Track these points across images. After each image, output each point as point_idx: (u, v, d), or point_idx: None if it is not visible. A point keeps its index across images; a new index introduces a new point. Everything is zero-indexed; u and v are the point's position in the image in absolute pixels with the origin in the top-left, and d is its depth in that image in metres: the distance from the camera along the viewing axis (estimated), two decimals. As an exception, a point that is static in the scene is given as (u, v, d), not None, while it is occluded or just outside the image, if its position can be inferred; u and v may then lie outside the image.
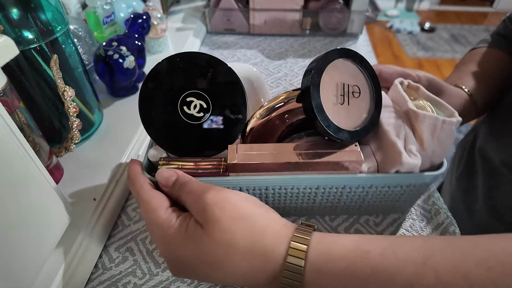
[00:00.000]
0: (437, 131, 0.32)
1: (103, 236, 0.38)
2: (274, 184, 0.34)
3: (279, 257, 0.25)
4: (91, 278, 0.35)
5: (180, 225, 0.27)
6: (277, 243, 0.26)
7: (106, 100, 0.56)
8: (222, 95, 0.33)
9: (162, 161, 0.33)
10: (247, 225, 0.26)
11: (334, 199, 0.37)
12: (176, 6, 0.92)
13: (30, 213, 0.28)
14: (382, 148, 0.34)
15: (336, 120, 0.31)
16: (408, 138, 0.33)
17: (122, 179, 0.43)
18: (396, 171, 0.33)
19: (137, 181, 0.30)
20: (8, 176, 0.26)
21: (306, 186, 0.35)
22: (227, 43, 0.80)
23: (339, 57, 0.32)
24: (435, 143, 0.33)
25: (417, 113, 0.32)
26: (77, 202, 0.38)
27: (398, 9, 3.21)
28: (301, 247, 0.25)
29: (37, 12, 0.37)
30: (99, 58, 0.52)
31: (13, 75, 0.37)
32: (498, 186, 0.49)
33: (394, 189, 0.36)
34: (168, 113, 0.33)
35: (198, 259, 0.26)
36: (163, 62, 0.32)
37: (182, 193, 0.29)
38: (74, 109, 0.39)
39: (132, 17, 0.56)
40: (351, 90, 0.33)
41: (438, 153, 0.33)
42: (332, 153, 0.32)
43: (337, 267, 0.24)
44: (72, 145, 0.41)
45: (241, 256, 0.25)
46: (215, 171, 0.33)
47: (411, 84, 0.37)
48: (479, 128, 0.58)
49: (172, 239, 0.27)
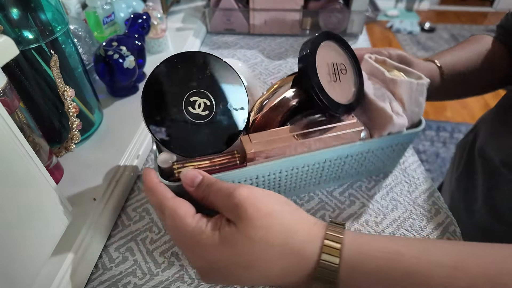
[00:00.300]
0: (414, 93, 0.38)
1: (103, 236, 0.38)
2: (287, 166, 0.36)
3: (313, 255, 0.25)
4: (91, 278, 0.35)
5: (212, 229, 0.26)
6: (310, 241, 0.26)
7: (106, 100, 0.56)
8: (222, 90, 0.34)
9: (177, 165, 0.32)
10: (279, 222, 0.26)
11: (338, 170, 0.41)
12: (176, 6, 0.92)
13: (30, 213, 0.28)
14: (371, 116, 0.38)
15: (333, 96, 0.34)
16: (392, 102, 0.37)
17: (122, 179, 0.43)
18: (388, 133, 0.38)
19: (157, 190, 0.29)
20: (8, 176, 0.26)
21: (315, 162, 0.37)
22: (227, 43, 0.80)
23: (325, 39, 0.35)
24: (413, 104, 0.38)
25: (395, 80, 0.38)
26: (77, 202, 0.38)
27: (398, 9, 3.21)
28: (335, 245, 0.25)
29: (37, 12, 0.37)
30: (99, 58, 0.52)
31: (13, 75, 0.37)
32: (498, 186, 0.49)
33: (386, 150, 0.41)
34: (175, 116, 0.33)
35: (233, 262, 0.26)
36: (161, 66, 0.32)
37: (210, 193, 0.28)
38: (74, 109, 0.39)
39: (132, 17, 0.56)
40: (339, 68, 0.36)
41: (416, 111, 0.39)
42: (334, 127, 0.35)
43: (372, 266, 0.24)
44: (72, 145, 0.41)
45: (276, 254, 0.25)
46: (232, 164, 0.34)
47: (378, 58, 0.42)
48: (479, 128, 0.58)
49: (205, 245, 0.26)
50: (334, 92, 0.34)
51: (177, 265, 0.36)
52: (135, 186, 0.45)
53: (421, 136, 1.89)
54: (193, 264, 0.27)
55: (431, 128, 1.94)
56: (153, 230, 0.40)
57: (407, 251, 0.25)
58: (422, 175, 0.46)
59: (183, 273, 0.36)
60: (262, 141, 0.33)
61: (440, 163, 1.74)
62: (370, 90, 0.38)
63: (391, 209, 0.42)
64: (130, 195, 0.44)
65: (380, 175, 0.46)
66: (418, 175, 0.46)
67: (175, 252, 0.37)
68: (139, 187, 0.45)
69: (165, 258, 0.37)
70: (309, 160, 0.36)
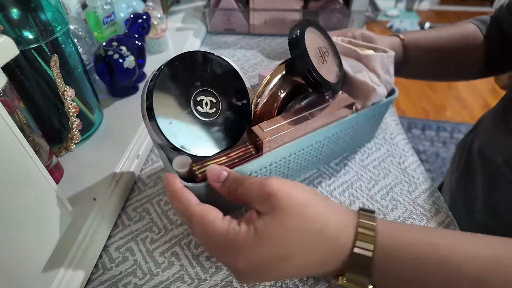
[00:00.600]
0: (385, 65, 0.43)
1: (103, 236, 0.38)
2: (295, 149, 0.38)
3: (347, 242, 0.25)
4: (91, 278, 0.35)
5: (247, 227, 0.26)
6: (344, 228, 0.26)
7: (106, 100, 0.56)
8: (225, 86, 0.35)
9: (196, 166, 0.32)
10: (313, 211, 0.26)
11: (334, 144, 0.44)
12: (176, 6, 0.92)
13: (30, 213, 0.28)
14: (354, 91, 0.42)
15: (325, 77, 0.36)
16: (370, 76, 0.42)
17: (122, 179, 0.43)
18: (372, 104, 0.42)
19: (182, 196, 0.28)
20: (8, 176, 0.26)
21: (317, 140, 0.40)
22: (227, 43, 0.80)
23: (308, 26, 0.37)
24: (386, 75, 0.43)
25: (369, 56, 0.43)
26: (77, 202, 0.38)
27: (398, 9, 3.21)
28: (368, 233, 0.25)
29: (37, 12, 0.37)
30: (99, 58, 0.52)
31: (13, 75, 0.37)
32: (498, 186, 0.49)
33: (371, 119, 0.45)
34: (187, 118, 0.33)
35: (273, 255, 0.25)
36: (164, 71, 0.31)
37: (238, 187, 0.28)
38: (74, 109, 0.39)
39: (132, 17, 0.56)
40: (323, 51, 0.39)
41: (389, 81, 0.44)
42: (328, 105, 0.38)
43: (406, 254, 0.25)
44: (72, 145, 0.41)
45: (313, 243, 0.25)
46: (248, 155, 0.35)
47: (343, 39, 0.47)
48: (479, 128, 0.58)
49: (243, 245, 0.25)
50: (325, 73, 0.37)
51: (177, 265, 0.36)
52: (135, 186, 0.45)
53: (421, 136, 1.89)
54: (231, 267, 0.27)
55: (431, 128, 1.94)
56: (153, 230, 0.40)
57: (442, 241, 0.25)
58: (422, 175, 0.46)
59: (183, 273, 0.36)
60: (272, 129, 0.35)
61: (440, 163, 1.74)
62: (349, 69, 0.43)
63: (391, 209, 0.42)
64: (130, 195, 0.44)
65: (380, 175, 0.46)
66: (418, 175, 0.46)
67: (175, 252, 0.37)
68: (139, 187, 0.45)
69: (165, 258, 0.37)
70: (313, 139, 0.39)
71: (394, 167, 0.47)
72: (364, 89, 0.41)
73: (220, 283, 0.35)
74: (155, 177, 0.46)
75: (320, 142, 0.41)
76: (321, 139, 0.41)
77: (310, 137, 0.38)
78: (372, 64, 0.43)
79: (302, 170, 0.44)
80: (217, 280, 0.35)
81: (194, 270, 0.36)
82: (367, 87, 0.41)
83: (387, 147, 0.50)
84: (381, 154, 0.49)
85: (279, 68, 0.37)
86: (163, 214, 0.41)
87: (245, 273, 0.26)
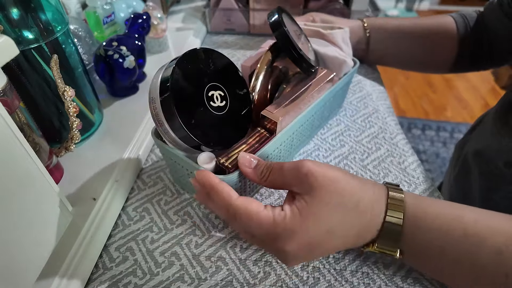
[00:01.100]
0: (345, 39, 0.50)
1: (104, 236, 0.38)
2: (298, 125, 0.42)
3: (380, 212, 0.28)
4: (91, 278, 0.35)
5: (291, 210, 0.27)
6: (376, 200, 0.28)
7: (106, 100, 0.56)
8: (227, 78, 0.37)
9: (223, 158, 0.34)
10: (348, 187, 0.28)
11: (320, 116, 0.48)
12: (176, 6, 0.92)
13: (30, 213, 0.28)
14: (328, 65, 0.48)
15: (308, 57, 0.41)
16: (337, 50, 0.48)
17: (122, 179, 0.43)
18: (344, 74, 0.48)
19: (224, 191, 0.29)
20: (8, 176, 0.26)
21: (311, 114, 0.44)
22: (227, 43, 0.80)
23: (282, 12, 0.40)
24: (347, 48, 0.50)
25: (332, 34, 0.49)
26: (77, 202, 0.38)
27: (398, 9, 3.21)
28: (399, 203, 0.28)
29: (37, 12, 0.37)
30: (99, 58, 0.52)
31: (13, 75, 0.37)
32: (497, 187, 0.49)
33: (344, 88, 0.51)
34: (203, 115, 0.33)
35: (318, 232, 0.27)
36: (175, 70, 0.32)
37: (271, 172, 0.30)
38: (74, 109, 0.39)
39: (132, 17, 0.56)
40: (298, 33, 0.43)
41: (349, 53, 0.50)
42: (316, 80, 0.43)
43: (434, 224, 0.27)
44: (72, 145, 0.41)
45: (352, 215, 0.27)
46: (264, 139, 0.38)
47: (307, 23, 0.54)
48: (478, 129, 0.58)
49: (292, 227, 0.27)
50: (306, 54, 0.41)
51: (177, 264, 0.36)
52: (135, 185, 0.45)
53: (421, 136, 1.89)
54: (281, 252, 0.28)
55: (431, 128, 1.94)
56: (153, 230, 0.40)
57: (465, 214, 0.28)
58: (422, 175, 0.46)
59: (183, 272, 0.36)
60: (279, 110, 0.38)
61: (440, 163, 1.74)
62: (318, 47, 0.48)
63: (391, 209, 0.42)
64: (130, 195, 0.44)
65: (380, 175, 0.46)
66: (418, 175, 0.46)
67: (175, 252, 0.37)
68: (139, 187, 0.45)
69: (165, 258, 0.37)
70: (309, 114, 0.43)
71: (394, 167, 0.47)
72: (336, 62, 0.47)
73: (220, 283, 0.35)
74: (155, 177, 0.46)
75: (313, 115, 0.45)
76: (313, 113, 0.44)
77: (308, 111, 0.42)
78: (335, 40, 0.49)
79: (299, 146, 0.48)
80: (217, 280, 0.35)
81: (194, 270, 0.36)
82: (338, 60, 0.46)
83: (387, 147, 0.50)
84: (381, 154, 0.49)
85: (265, 56, 0.41)
86: (163, 213, 0.41)
87: (295, 255, 0.28)
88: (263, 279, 0.35)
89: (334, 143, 0.50)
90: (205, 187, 0.30)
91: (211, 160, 0.34)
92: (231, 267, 0.36)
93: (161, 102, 0.32)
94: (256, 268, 0.36)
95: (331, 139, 0.51)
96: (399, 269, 0.35)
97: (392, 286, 0.34)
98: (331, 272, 0.35)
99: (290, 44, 0.38)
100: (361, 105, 0.57)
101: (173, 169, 0.41)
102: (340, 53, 0.48)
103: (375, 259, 0.36)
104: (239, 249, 0.37)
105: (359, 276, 0.35)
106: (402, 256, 0.29)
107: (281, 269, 0.36)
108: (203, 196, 0.31)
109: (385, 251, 0.29)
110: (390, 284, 0.34)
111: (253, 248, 0.37)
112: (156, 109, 0.33)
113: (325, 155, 0.49)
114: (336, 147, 0.50)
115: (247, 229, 0.28)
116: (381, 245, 0.29)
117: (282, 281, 0.35)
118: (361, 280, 0.34)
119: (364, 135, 0.52)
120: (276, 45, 0.42)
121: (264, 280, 0.35)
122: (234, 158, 0.35)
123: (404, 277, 0.34)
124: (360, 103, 0.58)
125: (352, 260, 0.36)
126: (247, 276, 0.35)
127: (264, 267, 0.36)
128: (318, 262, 0.36)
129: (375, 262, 0.36)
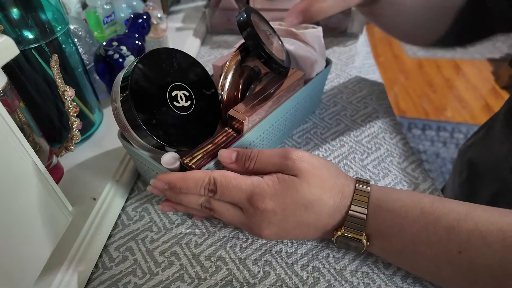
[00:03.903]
0: (317, 38, 0.49)
1: (103, 236, 0.38)
2: (267, 125, 0.42)
3: (350, 195, 0.32)
4: (91, 278, 0.35)
5: (270, 178, 0.31)
6: (347, 184, 0.33)
7: (106, 100, 0.56)
8: (193, 78, 0.36)
9: (187, 158, 0.34)
10: (328, 172, 0.33)
11: (293, 116, 0.48)
12: (176, 6, 0.92)
13: (30, 213, 0.28)
14: (301, 65, 0.47)
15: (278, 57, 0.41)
16: (309, 50, 0.48)
17: (122, 179, 0.43)
18: (316, 74, 0.48)
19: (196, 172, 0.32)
20: (8, 176, 0.26)
21: (283, 114, 0.45)
22: (227, 43, 0.80)
23: (251, 12, 0.40)
24: (321, 47, 0.49)
25: (304, 33, 0.48)
26: (77, 202, 0.38)
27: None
28: (365, 188, 0.33)
29: (37, 12, 0.37)
30: (99, 58, 0.52)
31: (13, 75, 0.38)
32: (503, 192, 0.49)
33: (318, 86, 0.51)
34: (166, 115, 0.33)
35: (295, 202, 0.31)
36: (136, 69, 0.31)
37: (256, 161, 0.33)
38: (74, 109, 0.39)
39: (132, 17, 0.56)
40: (268, 33, 0.42)
41: (323, 53, 0.50)
42: (287, 80, 0.43)
43: (395, 206, 0.31)
44: (72, 145, 0.41)
45: (328, 194, 0.32)
46: (231, 138, 0.38)
47: (281, 23, 0.52)
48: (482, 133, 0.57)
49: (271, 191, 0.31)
50: (277, 54, 0.41)
51: (177, 264, 0.36)
52: (135, 185, 0.45)
53: (421, 136, 1.89)
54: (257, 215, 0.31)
55: (431, 128, 1.94)
56: (153, 230, 0.40)
57: (424, 197, 0.31)
58: (422, 175, 0.46)
59: (183, 272, 0.36)
60: (246, 110, 0.38)
61: (440, 163, 1.74)
62: (290, 47, 0.48)
63: (391, 209, 0.42)
64: (130, 195, 0.44)
65: (380, 175, 0.46)
66: (418, 175, 0.46)
67: (175, 252, 0.37)
68: (139, 187, 0.45)
69: (165, 258, 0.37)
70: (280, 113, 0.44)
71: (394, 167, 0.47)
72: (308, 62, 0.47)
73: (220, 283, 0.35)
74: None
75: (284, 115, 0.45)
76: (284, 113, 0.45)
77: (278, 111, 0.42)
78: (307, 40, 0.49)
79: (272, 145, 0.49)
80: (217, 280, 0.35)
81: (194, 270, 0.36)
82: (310, 60, 0.46)
83: (387, 147, 0.50)
84: (381, 153, 0.49)
85: (234, 56, 0.41)
86: (163, 213, 0.41)
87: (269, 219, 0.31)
88: (263, 278, 0.35)
89: (334, 143, 0.51)
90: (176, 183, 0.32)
91: (175, 160, 0.34)
92: (231, 267, 0.36)
93: (121, 101, 0.32)
94: (255, 268, 0.36)
95: (330, 139, 0.51)
96: (399, 269, 0.35)
97: (392, 286, 0.34)
98: (331, 271, 0.35)
99: (258, 44, 0.38)
100: (361, 105, 0.57)
101: (141, 169, 0.42)
102: (312, 53, 0.47)
103: (375, 259, 0.36)
104: (238, 249, 0.37)
105: (359, 276, 0.35)
106: (368, 241, 0.32)
107: (280, 268, 0.36)
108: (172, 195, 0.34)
109: (352, 233, 0.32)
110: (390, 284, 0.34)
111: (253, 248, 0.37)
112: (117, 108, 0.33)
113: (325, 155, 0.49)
114: (336, 147, 0.50)
115: (227, 197, 0.31)
116: (348, 227, 0.32)
117: (282, 280, 0.35)
118: (361, 280, 0.34)
119: (364, 135, 0.52)
120: (245, 45, 0.41)
121: (264, 280, 0.35)
122: (198, 158, 0.34)
123: (404, 277, 0.34)
124: (360, 103, 0.58)
125: (352, 260, 0.36)
126: (247, 276, 0.35)
127: (263, 266, 0.36)
128: (318, 262, 0.36)
129: (375, 262, 0.36)
